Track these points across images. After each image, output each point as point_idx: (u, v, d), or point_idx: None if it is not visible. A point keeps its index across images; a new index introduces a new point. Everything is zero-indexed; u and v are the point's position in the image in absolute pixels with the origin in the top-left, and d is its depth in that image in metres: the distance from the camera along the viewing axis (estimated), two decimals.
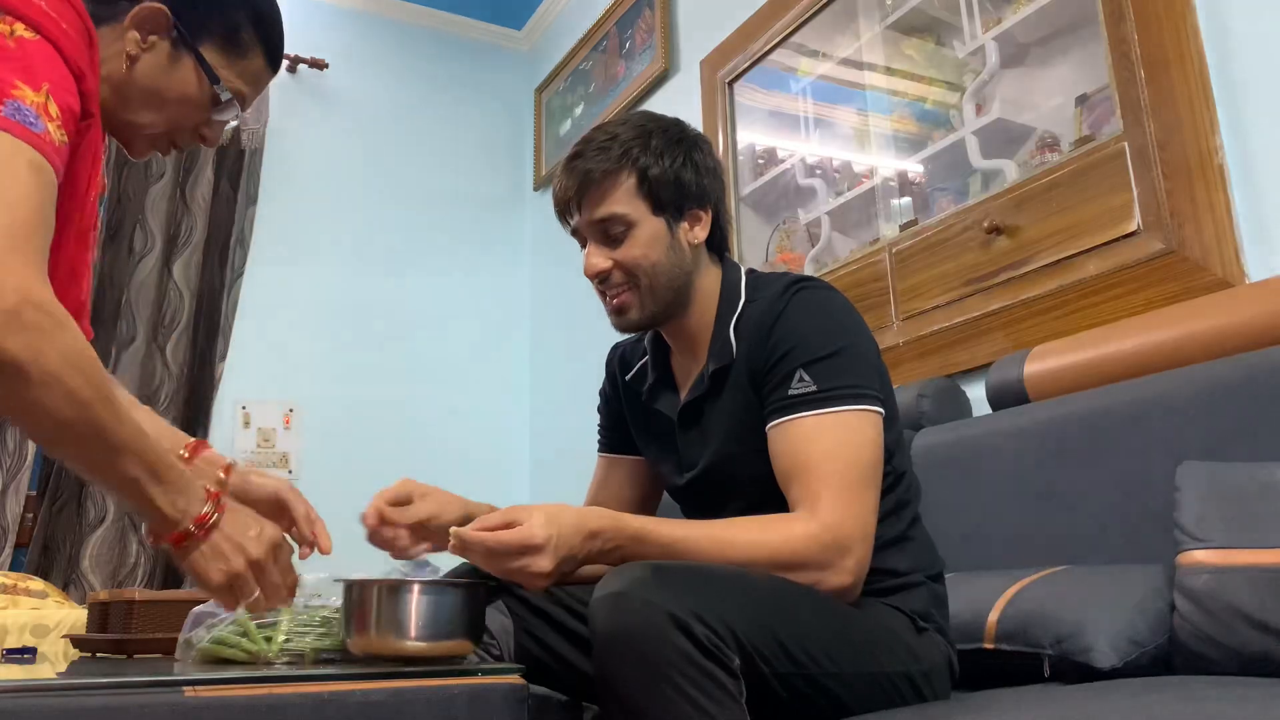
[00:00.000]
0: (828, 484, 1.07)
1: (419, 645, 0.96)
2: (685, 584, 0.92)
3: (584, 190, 1.22)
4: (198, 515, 0.92)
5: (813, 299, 1.18)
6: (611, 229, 1.22)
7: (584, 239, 1.26)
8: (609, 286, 1.25)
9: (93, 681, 0.80)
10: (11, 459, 2.89)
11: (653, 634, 0.88)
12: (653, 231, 1.22)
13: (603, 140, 1.23)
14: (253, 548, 0.95)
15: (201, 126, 1.12)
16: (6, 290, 0.79)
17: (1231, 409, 1.31)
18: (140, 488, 0.89)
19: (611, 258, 1.23)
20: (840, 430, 1.10)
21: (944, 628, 1.18)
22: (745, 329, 1.21)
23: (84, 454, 0.88)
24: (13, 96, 0.86)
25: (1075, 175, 1.79)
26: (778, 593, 1.00)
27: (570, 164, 1.24)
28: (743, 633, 0.92)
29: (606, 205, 1.21)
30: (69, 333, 0.84)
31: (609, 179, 1.21)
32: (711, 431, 1.24)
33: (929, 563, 1.20)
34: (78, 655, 1.38)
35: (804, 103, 2.64)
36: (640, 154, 1.21)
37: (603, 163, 1.21)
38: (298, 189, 3.57)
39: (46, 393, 0.81)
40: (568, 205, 1.25)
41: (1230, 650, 1.08)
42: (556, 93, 3.87)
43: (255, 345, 3.34)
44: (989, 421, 1.69)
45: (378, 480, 1.22)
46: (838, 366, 1.12)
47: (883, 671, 1.04)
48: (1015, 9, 2.01)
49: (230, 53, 1.09)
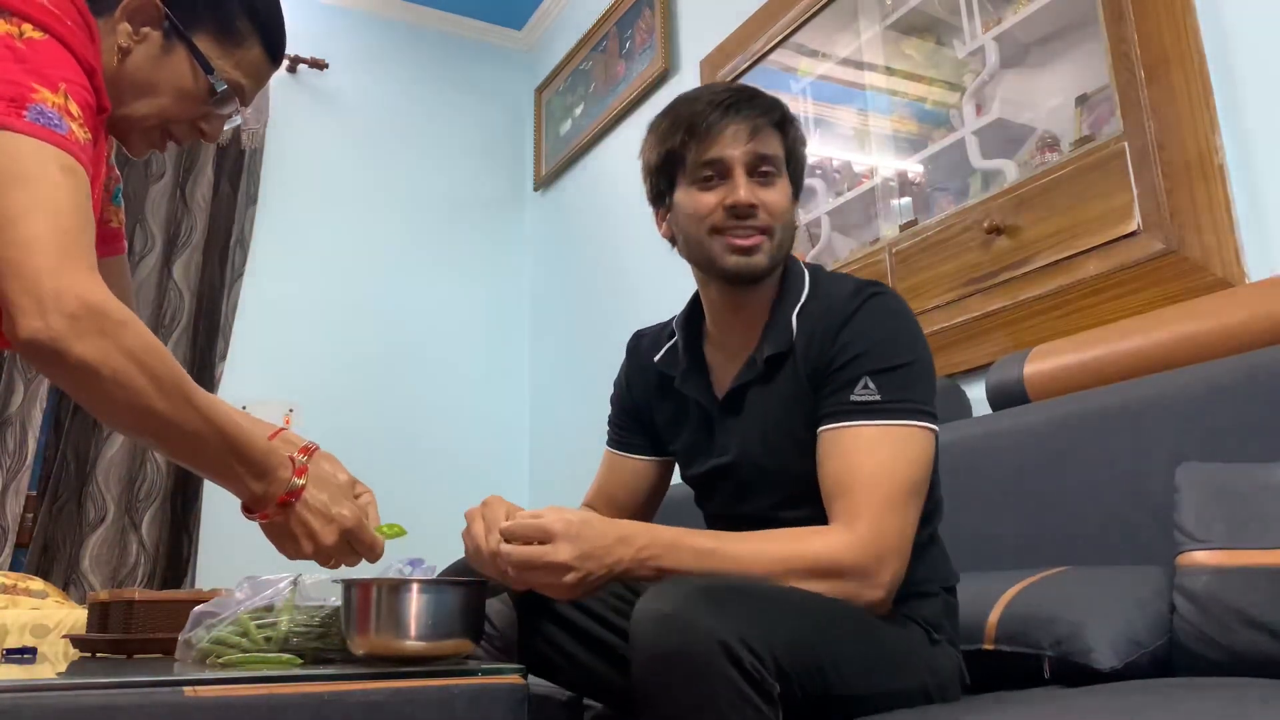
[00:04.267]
0: (874, 497, 1.06)
1: (419, 645, 0.96)
2: (733, 606, 0.91)
3: (762, 121, 1.19)
4: (280, 494, 0.96)
5: (886, 306, 1.16)
6: (766, 168, 1.19)
7: (722, 170, 1.18)
8: (747, 222, 1.18)
9: (93, 681, 0.80)
10: (11, 459, 2.88)
11: (702, 659, 0.86)
12: (786, 190, 1.22)
13: (755, 93, 1.23)
14: (325, 535, 0.99)
15: (199, 120, 1.10)
16: (68, 297, 0.83)
17: (1231, 409, 1.31)
18: (226, 468, 0.94)
19: (760, 197, 1.19)
20: (897, 445, 1.09)
21: (954, 638, 1.18)
22: (809, 321, 1.19)
23: (167, 441, 0.92)
24: (34, 100, 0.86)
25: (1075, 175, 1.79)
26: (819, 614, 0.99)
27: (734, 98, 1.20)
28: (784, 659, 0.91)
29: (770, 144, 1.20)
30: (133, 329, 0.87)
31: (770, 126, 1.21)
32: (752, 418, 1.21)
33: (945, 574, 1.20)
34: (78, 655, 1.38)
35: (804, 103, 2.63)
36: (789, 120, 1.24)
37: (779, 110, 1.22)
38: (298, 189, 3.57)
39: (120, 389, 0.85)
40: (725, 130, 1.18)
41: (1230, 651, 1.08)
42: (556, 93, 3.86)
43: (255, 345, 3.34)
44: (989, 421, 1.69)
45: (377, 480, 1.21)
46: (904, 379, 1.11)
47: (904, 689, 1.04)
48: (1015, 9, 2.01)
49: (226, 43, 1.07)
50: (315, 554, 0.99)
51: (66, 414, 3.04)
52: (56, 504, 2.97)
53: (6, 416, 2.92)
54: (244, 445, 0.94)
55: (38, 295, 0.82)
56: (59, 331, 0.82)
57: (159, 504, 3.05)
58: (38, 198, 0.84)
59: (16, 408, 2.93)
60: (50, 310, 0.82)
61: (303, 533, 0.98)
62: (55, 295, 0.82)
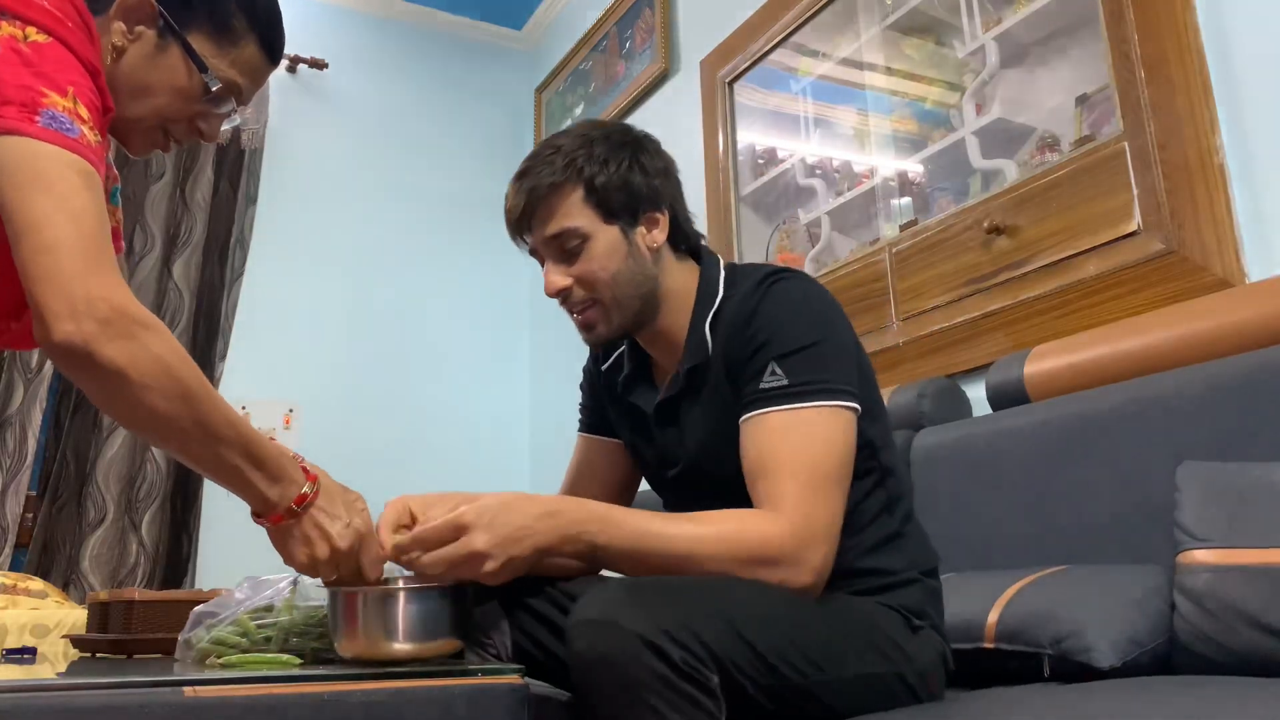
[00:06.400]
0: (793, 482, 1.05)
1: (407, 647, 0.96)
2: (657, 603, 0.91)
3: (533, 207, 1.19)
4: (295, 497, 0.96)
5: (789, 290, 1.15)
6: (566, 243, 1.18)
7: (541, 258, 1.22)
8: (572, 304, 1.22)
9: (93, 681, 0.80)
10: (11, 459, 2.88)
11: (627, 658, 0.87)
12: (608, 241, 1.19)
13: (547, 154, 1.20)
14: (339, 539, 0.98)
15: (197, 120, 1.10)
16: (97, 301, 0.84)
17: (1231, 409, 1.31)
18: (243, 474, 0.94)
19: (570, 274, 1.19)
20: (808, 427, 1.08)
21: (939, 624, 1.17)
22: (722, 324, 1.19)
23: (187, 445, 0.92)
24: (45, 105, 0.87)
25: (1075, 175, 1.79)
26: (753, 603, 0.99)
27: (518, 182, 1.21)
28: (719, 648, 0.90)
29: (557, 220, 1.18)
30: (159, 333, 0.88)
31: (556, 192, 1.18)
32: (690, 430, 1.22)
33: (924, 559, 1.19)
34: (78, 655, 1.38)
35: (804, 103, 2.64)
36: (585, 163, 1.18)
37: (548, 176, 1.18)
38: (298, 189, 3.57)
39: (147, 392, 0.86)
40: (519, 225, 1.22)
41: (1230, 650, 1.08)
42: (556, 93, 3.86)
43: (255, 345, 3.34)
44: (989, 421, 1.69)
45: (377, 480, 1.21)
46: (811, 360, 1.10)
47: (874, 673, 1.03)
48: (1015, 9, 2.01)
49: (221, 42, 1.06)
50: (325, 558, 0.99)
51: (66, 414, 3.04)
52: (56, 504, 2.97)
53: (6, 416, 2.92)
54: (260, 451, 0.94)
55: (69, 299, 0.83)
56: (90, 334, 0.83)
57: (159, 504, 3.05)
58: (60, 203, 0.85)
59: (16, 408, 2.93)
60: (82, 314, 0.83)
61: (318, 535, 0.98)
62: (86, 299, 0.83)
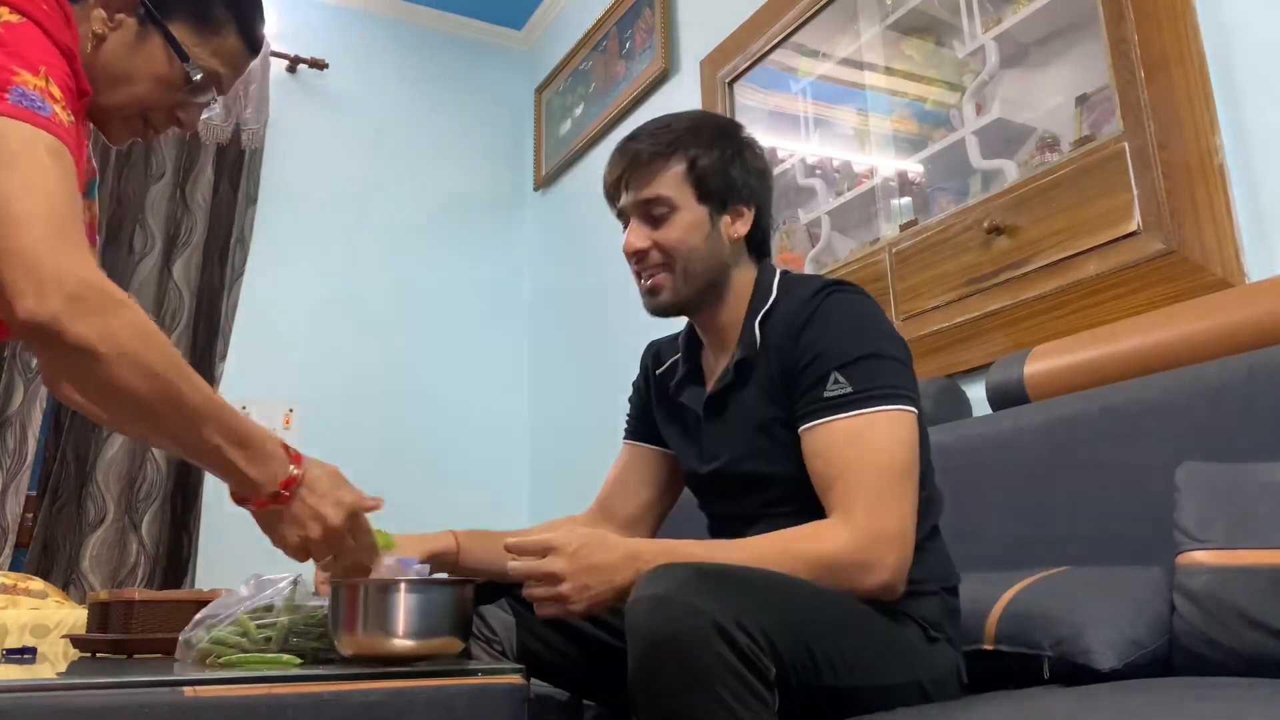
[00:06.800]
0: (864, 487, 1.08)
1: (408, 644, 0.96)
2: (729, 589, 0.92)
3: (632, 170, 1.26)
4: (284, 479, 0.95)
5: (845, 302, 1.19)
6: (654, 210, 1.25)
7: (627, 219, 1.29)
8: (645, 266, 1.27)
9: (93, 681, 0.80)
10: (11, 459, 2.88)
11: (697, 641, 0.87)
12: (694, 218, 1.25)
13: (657, 127, 1.28)
14: (332, 516, 0.97)
15: (176, 109, 1.09)
16: (65, 277, 0.82)
17: (1231, 409, 1.31)
18: (224, 454, 0.92)
19: (651, 238, 1.26)
20: (877, 431, 1.10)
21: (954, 638, 1.18)
22: (773, 326, 1.23)
23: (165, 426, 0.90)
24: (15, 83, 0.86)
25: (1075, 175, 1.79)
26: (813, 603, 1.01)
27: (624, 146, 1.28)
28: (780, 643, 0.91)
29: (653, 187, 1.25)
30: (131, 309, 0.86)
31: (658, 161, 1.25)
32: (734, 424, 1.24)
33: (944, 575, 1.20)
34: (78, 655, 1.38)
35: (804, 103, 2.63)
36: (691, 143, 1.26)
37: (654, 146, 1.26)
38: (298, 189, 3.56)
39: (120, 370, 0.84)
40: (617, 184, 1.29)
41: (1230, 650, 1.08)
42: (556, 93, 3.86)
43: (255, 345, 3.33)
44: (989, 421, 1.69)
45: (377, 480, 1.21)
46: (872, 369, 1.13)
47: (897, 684, 1.04)
48: (1015, 9, 2.01)
49: (202, 31, 1.06)
50: (318, 538, 0.97)
51: (66, 414, 3.04)
52: (56, 504, 2.97)
53: (6, 416, 2.92)
54: (242, 430, 0.93)
55: (36, 276, 0.81)
56: (58, 311, 0.81)
57: (159, 504, 3.05)
58: (28, 180, 0.84)
59: (16, 408, 2.93)
60: (49, 291, 0.81)
61: (309, 515, 0.97)
62: (54, 276, 0.81)
